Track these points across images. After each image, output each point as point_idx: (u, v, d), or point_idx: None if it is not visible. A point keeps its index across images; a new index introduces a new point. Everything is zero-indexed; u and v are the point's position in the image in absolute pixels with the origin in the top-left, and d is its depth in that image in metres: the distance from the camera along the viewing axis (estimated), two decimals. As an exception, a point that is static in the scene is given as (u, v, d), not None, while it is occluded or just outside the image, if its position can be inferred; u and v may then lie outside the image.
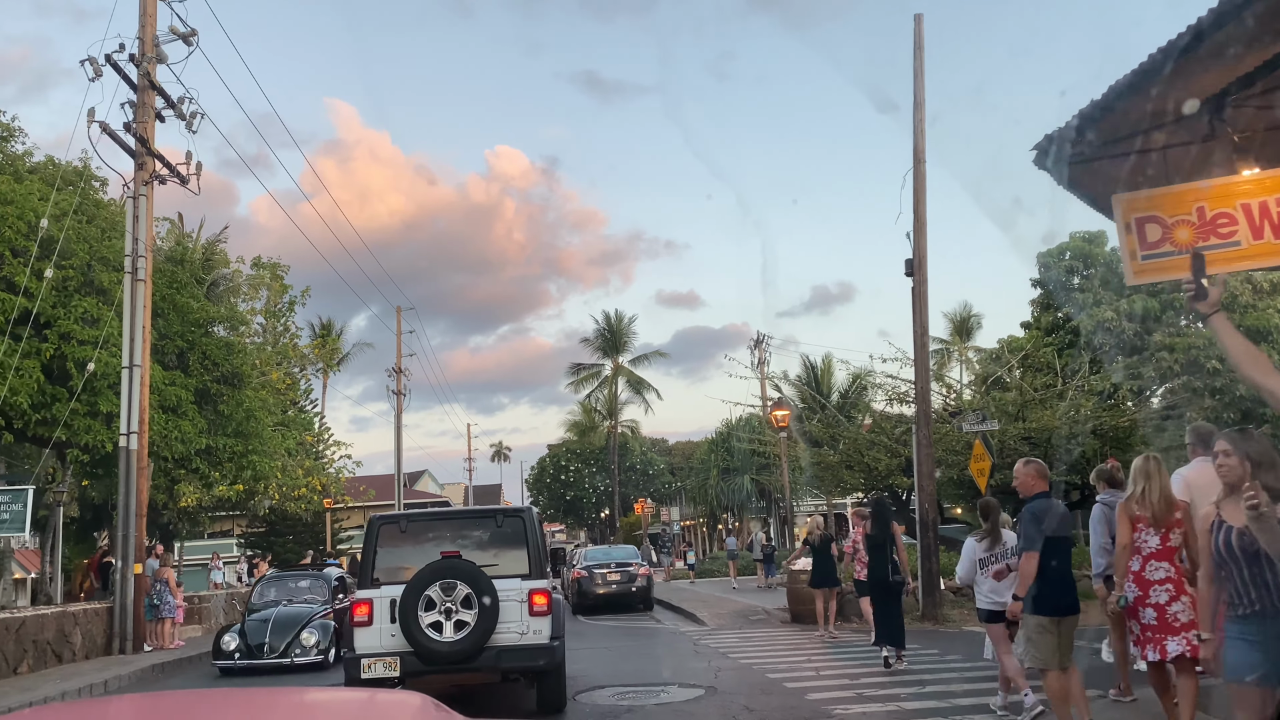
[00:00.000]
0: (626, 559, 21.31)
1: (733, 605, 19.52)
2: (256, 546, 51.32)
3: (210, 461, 21.88)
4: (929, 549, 15.36)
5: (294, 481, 36.92)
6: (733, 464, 36.52)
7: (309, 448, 40.32)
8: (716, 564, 33.92)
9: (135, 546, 14.69)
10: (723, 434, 37.71)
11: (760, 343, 46.09)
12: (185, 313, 21.13)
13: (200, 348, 21.23)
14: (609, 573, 20.42)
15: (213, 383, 21.26)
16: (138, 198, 15.25)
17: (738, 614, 17.51)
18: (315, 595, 14.49)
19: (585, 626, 17.75)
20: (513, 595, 8.14)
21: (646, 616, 19.56)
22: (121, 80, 15.02)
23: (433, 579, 7.97)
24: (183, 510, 34.53)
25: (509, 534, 8.74)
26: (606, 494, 65.76)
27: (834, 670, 10.45)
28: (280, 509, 39.24)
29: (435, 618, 7.95)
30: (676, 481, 71.42)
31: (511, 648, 8.06)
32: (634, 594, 20.39)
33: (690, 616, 18.02)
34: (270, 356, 38.03)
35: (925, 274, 16.03)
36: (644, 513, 45.45)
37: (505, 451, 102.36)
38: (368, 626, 8.15)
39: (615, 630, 16.98)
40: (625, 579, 20.37)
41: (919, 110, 16.26)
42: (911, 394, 20.88)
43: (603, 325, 59.45)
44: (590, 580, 20.36)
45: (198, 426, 20.66)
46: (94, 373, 17.31)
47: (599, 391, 61.46)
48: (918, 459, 15.80)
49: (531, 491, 73.91)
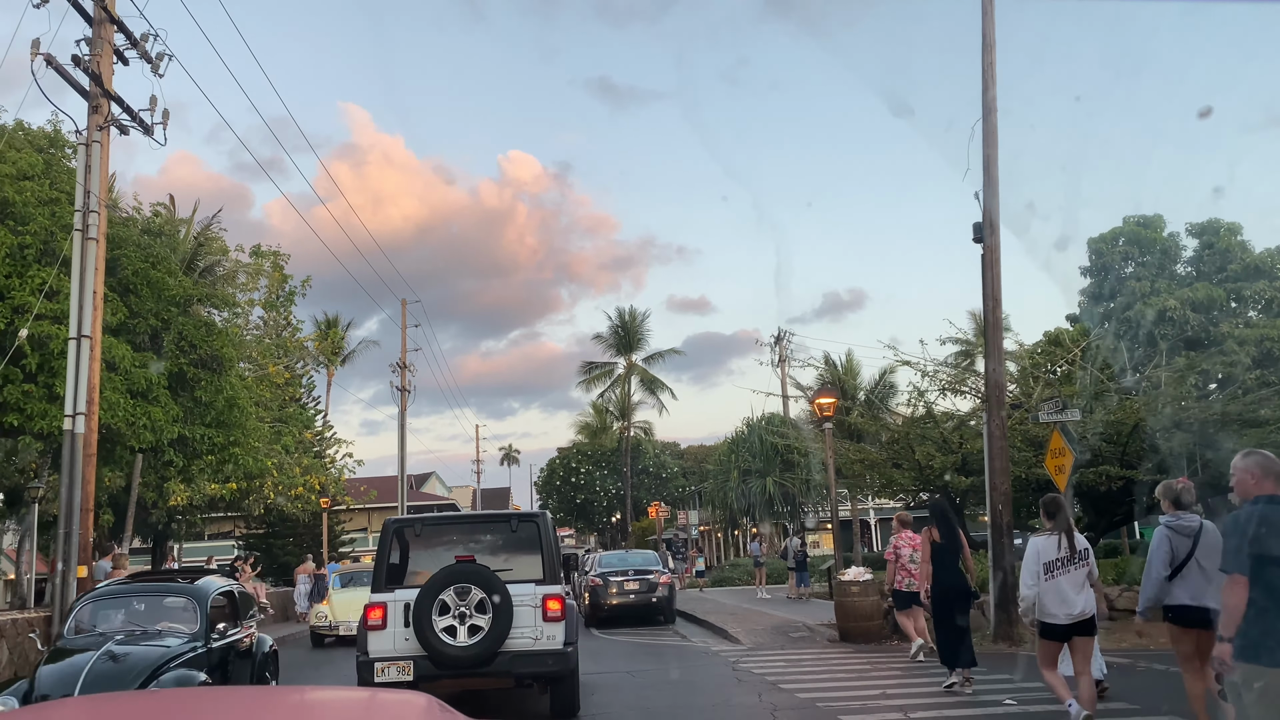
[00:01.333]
0: (646, 566, 19.13)
1: (767, 619, 17.35)
2: (255, 549, 49.44)
3: (186, 453, 19.85)
4: (1002, 557, 13.19)
5: (291, 480, 34.73)
6: (754, 465, 34.32)
7: (308, 445, 38.16)
8: (737, 571, 31.74)
9: (80, 546, 12.62)
10: (742, 434, 35.52)
11: (781, 339, 44.02)
12: (160, 289, 19.09)
13: (176, 328, 19.21)
14: (626, 581, 18.29)
15: (189, 366, 19.23)
16: (90, 144, 13.22)
17: (776, 630, 15.35)
18: (178, 624, 8.54)
19: (601, 644, 15.62)
20: (526, 600, 8.06)
21: (669, 631, 17.41)
22: (72, 7, 13.00)
23: (447, 583, 7.91)
24: (173, 509, 32.34)
25: (523, 539, 8.71)
26: (618, 497, 63.57)
27: (925, 706, 8.27)
28: (277, 509, 36.97)
29: (449, 622, 7.89)
30: (690, 485, 69.27)
31: (525, 653, 8.00)
32: (655, 605, 18.24)
33: (720, 633, 15.87)
34: (268, 349, 36.15)
35: (998, 238, 13.90)
36: (658, 516, 43.24)
37: (514, 454, 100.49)
38: (381, 630, 8.07)
39: (637, 649, 14.82)
40: (645, 588, 18.23)
41: (989, 53, 14.15)
42: (968, 382, 18.66)
43: (616, 323, 57.31)
44: (605, 589, 18.22)
45: (170, 414, 18.63)
46: (51, 351, 15.33)
47: (611, 391, 59.36)
48: (989, 452, 13.62)
49: (540, 494, 71.77)
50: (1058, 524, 6.74)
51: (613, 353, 57.50)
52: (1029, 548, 6.96)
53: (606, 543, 68.75)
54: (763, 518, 34.24)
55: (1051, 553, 6.67)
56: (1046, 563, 6.65)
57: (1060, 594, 6.56)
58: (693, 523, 40.05)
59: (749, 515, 34.70)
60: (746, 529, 34.15)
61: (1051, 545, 6.69)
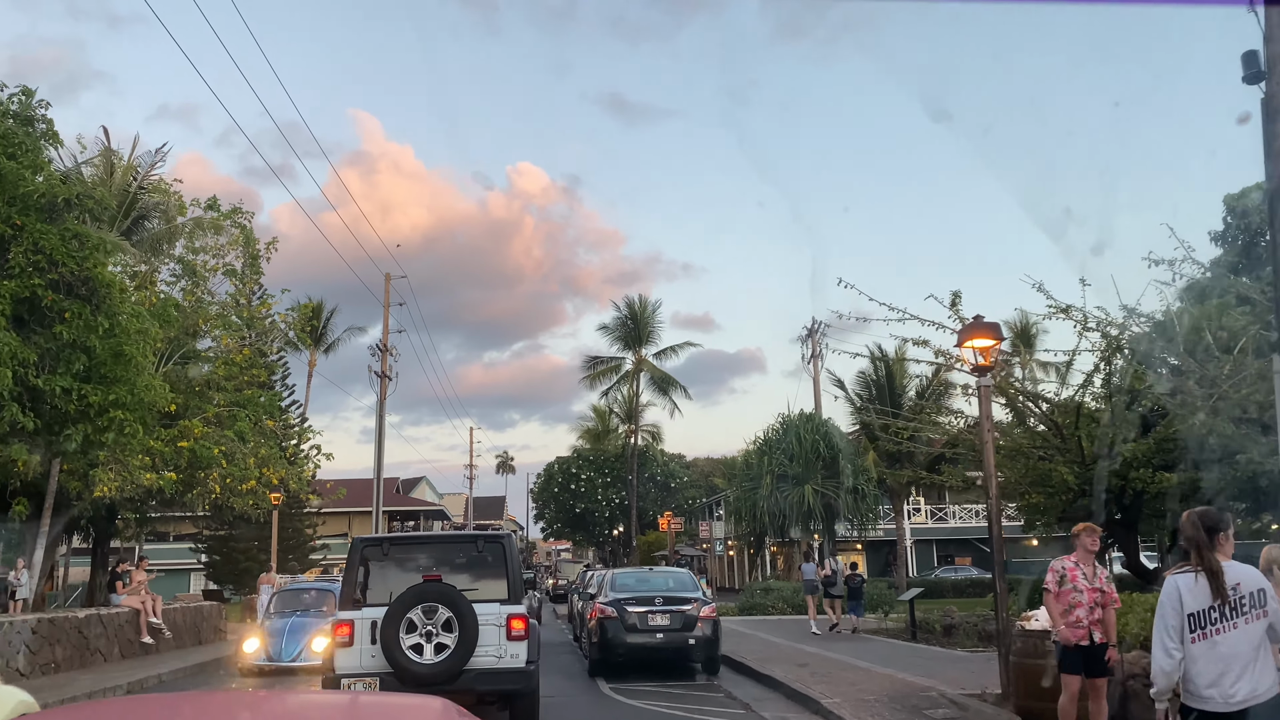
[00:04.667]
0: (679, 591, 13.43)
1: (864, 675, 11.76)
2: (216, 552, 43.73)
3: (41, 414, 14.35)
4: None
5: (243, 473, 28.84)
6: (791, 469, 28.73)
7: (270, 434, 32.33)
8: (769, 597, 26.11)
9: None
10: (776, 433, 29.94)
11: (815, 331, 38.39)
12: (12, 184, 13.68)
13: (32, 236, 13.74)
14: (653, 613, 12.67)
15: (46, 290, 13.76)
16: None
17: (890, 697, 9.75)
18: None
19: (616, 713, 10.07)
20: (491, 620, 8.27)
21: (716, 691, 11.83)
22: None
23: (415, 602, 8.10)
24: (101, 502, 26.37)
25: (489, 559, 8.85)
26: (622, 508, 57.78)
27: None
28: (225, 504, 30.95)
29: (416, 640, 8.10)
30: (699, 498, 63.47)
31: (489, 671, 8.23)
32: (692, 648, 12.67)
33: (801, 700, 10.28)
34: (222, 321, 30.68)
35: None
36: (670, 529, 37.47)
37: (510, 463, 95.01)
38: (348, 647, 8.24)
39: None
40: (679, 624, 12.62)
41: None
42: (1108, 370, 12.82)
43: (624, 313, 51.45)
44: (621, 623, 12.61)
45: (16, 356, 13.20)
46: None
47: (617, 390, 53.40)
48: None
49: (537, 502, 65.93)
50: (1199, 556, 4.33)
51: (620, 346, 51.57)
52: (1166, 589, 4.49)
53: (607, 558, 62.88)
54: (803, 532, 28.58)
55: (1202, 599, 4.32)
56: (1193, 614, 4.33)
57: (1219, 661, 4.25)
58: (717, 536, 34.18)
59: (781, 529, 29.04)
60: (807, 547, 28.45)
61: (1199, 589, 4.34)
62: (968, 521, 47.42)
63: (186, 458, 25.77)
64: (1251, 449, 10.06)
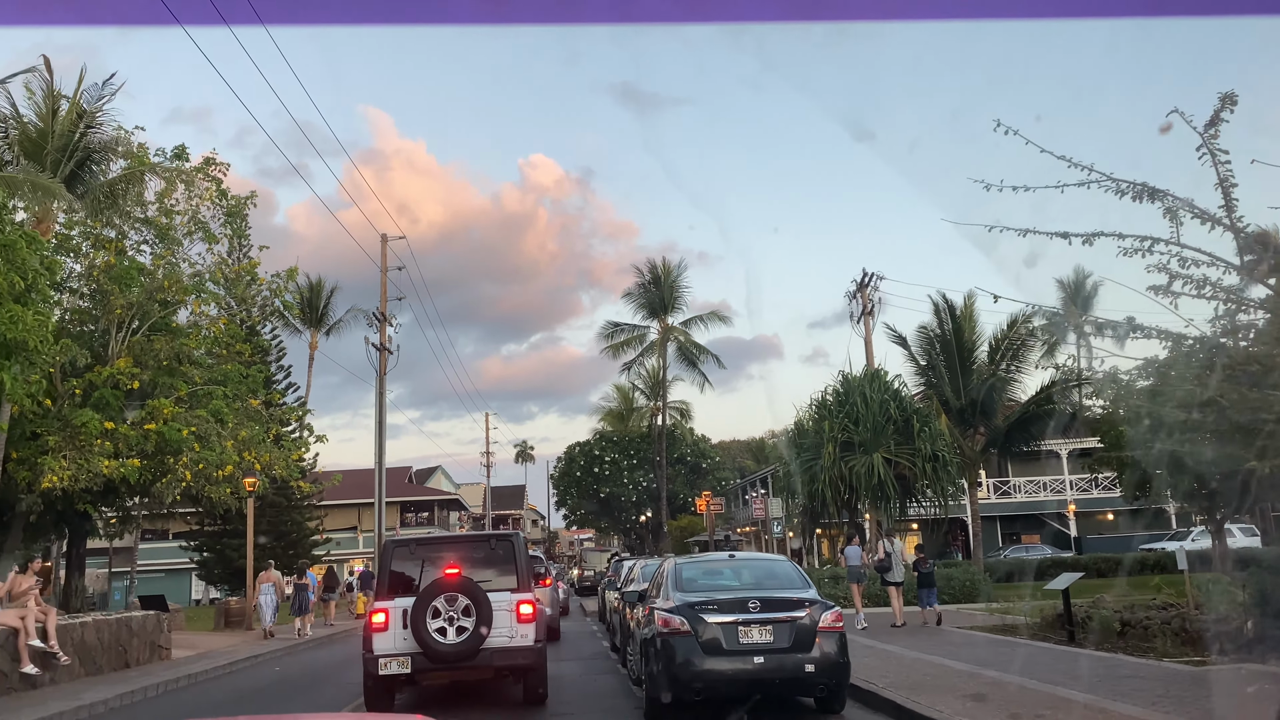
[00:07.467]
0: (783, 589, 8.90)
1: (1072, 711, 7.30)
2: (208, 550, 39.62)
3: None
4: None
5: (218, 457, 24.41)
6: (858, 435, 24.22)
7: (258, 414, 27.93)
8: (839, 588, 21.66)
9: None
10: (837, 393, 25.44)
11: (866, 284, 33.78)
12: None
13: None
14: (746, 625, 8.19)
15: None
16: None
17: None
18: None
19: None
20: (503, 606, 9.73)
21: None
22: None
23: (438, 592, 9.51)
24: (51, 494, 22.00)
25: (501, 555, 10.37)
26: (649, 491, 53.36)
27: None
28: (200, 494, 26.55)
29: (440, 624, 9.47)
30: (734, 478, 58.97)
31: (502, 649, 9.63)
32: (810, 676, 8.19)
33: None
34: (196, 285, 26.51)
35: None
36: (709, 511, 33.04)
37: (529, 451, 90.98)
38: (384, 631, 9.61)
39: None
40: (788, 640, 8.13)
41: None
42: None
43: (648, 278, 46.86)
44: (696, 641, 8.17)
45: None
46: None
47: (641, 363, 48.92)
48: None
49: (558, 488, 61.60)
50: None
51: (644, 314, 46.90)
52: None
53: (634, 546, 58.55)
54: (874, 509, 24.12)
55: None
56: None
57: None
58: (774, 515, 29.61)
59: (848, 505, 24.59)
60: (855, 528, 23.95)
61: None
62: (1034, 495, 42.96)
63: (154, 442, 21.76)
64: None
